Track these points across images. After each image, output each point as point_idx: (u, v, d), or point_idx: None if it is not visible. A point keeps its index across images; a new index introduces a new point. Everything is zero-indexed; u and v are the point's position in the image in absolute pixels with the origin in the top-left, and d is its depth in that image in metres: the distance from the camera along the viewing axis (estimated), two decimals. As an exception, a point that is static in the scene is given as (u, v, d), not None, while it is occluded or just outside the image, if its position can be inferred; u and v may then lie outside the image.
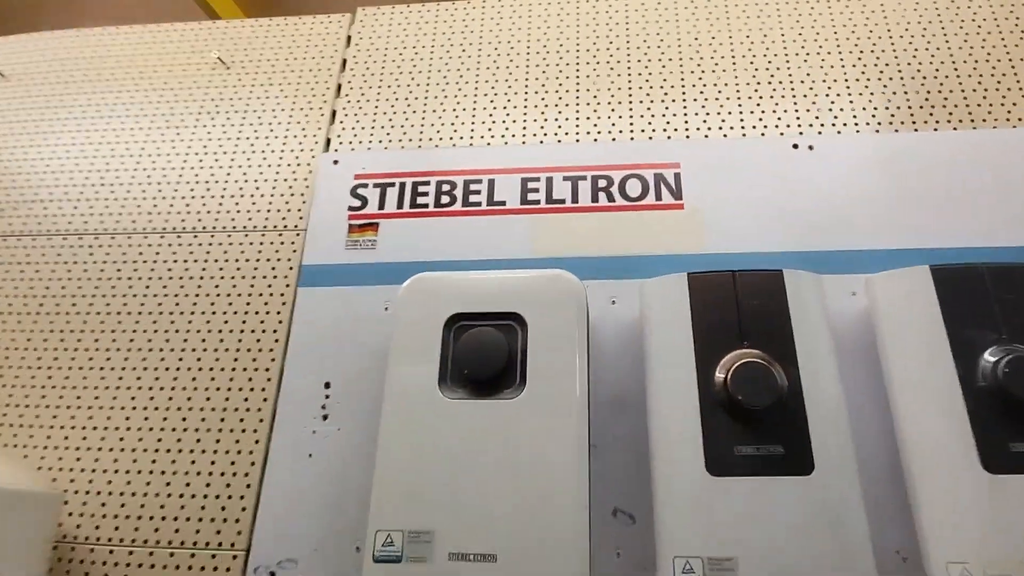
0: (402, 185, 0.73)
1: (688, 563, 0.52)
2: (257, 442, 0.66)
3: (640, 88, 0.77)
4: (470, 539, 0.52)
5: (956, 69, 0.77)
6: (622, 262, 0.68)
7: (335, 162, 0.77)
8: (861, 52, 0.78)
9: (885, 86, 0.76)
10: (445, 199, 0.73)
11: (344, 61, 0.85)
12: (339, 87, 0.83)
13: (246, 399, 0.68)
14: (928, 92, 0.75)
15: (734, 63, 0.78)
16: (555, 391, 0.56)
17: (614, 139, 0.75)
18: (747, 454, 0.54)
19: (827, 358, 0.58)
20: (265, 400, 0.67)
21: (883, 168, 0.71)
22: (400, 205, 0.73)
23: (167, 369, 0.70)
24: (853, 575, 0.51)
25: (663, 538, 0.54)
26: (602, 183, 0.72)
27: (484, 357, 0.58)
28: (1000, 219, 0.68)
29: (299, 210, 0.75)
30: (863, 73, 0.77)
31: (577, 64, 0.80)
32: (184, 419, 0.67)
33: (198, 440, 0.66)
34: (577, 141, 0.75)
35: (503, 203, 0.72)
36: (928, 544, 0.53)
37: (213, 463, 0.65)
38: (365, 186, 0.74)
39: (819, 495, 0.52)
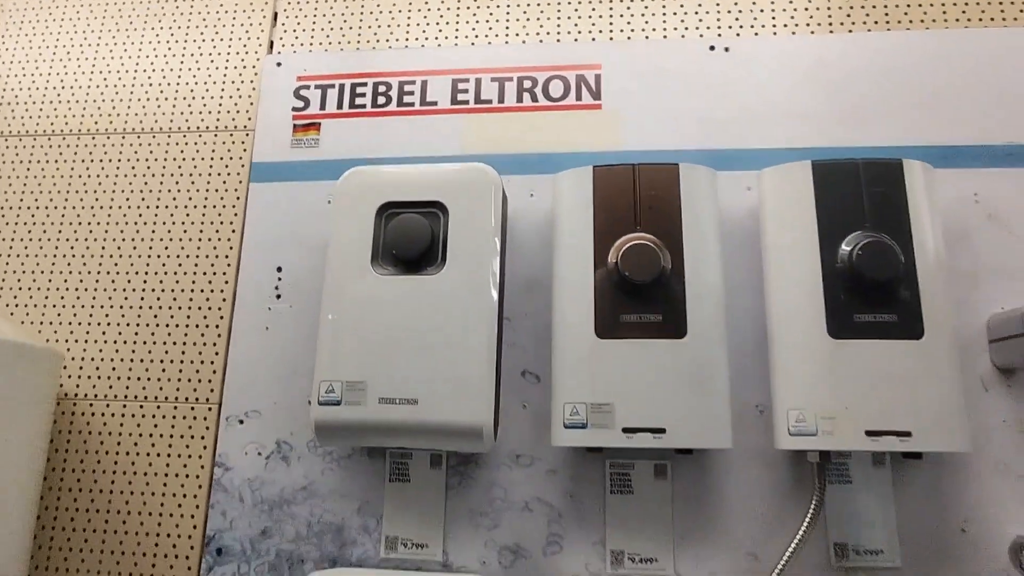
0: (341, 87, 0.78)
1: (575, 407, 0.63)
2: (222, 318, 0.76)
3: (575, -11, 0.80)
4: (396, 387, 0.63)
5: (881, -30, 0.79)
6: (542, 159, 0.74)
7: (278, 64, 0.81)
8: (792, -49, 0.80)
9: (809, -13, 0.78)
10: (381, 100, 0.78)
11: (289, -40, 0.86)
12: (283, -13, 0.85)
13: (210, 282, 0.77)
14: (849, -7, 0.78)
15: (668, -37, 0.80)
16: (471, 268, 0.65)
17: (541, 41, 0.79)
18: (630, 321, 0.63)
19: (711, 242, 0.66)
20: (227, 283, 0.76)
21: (796, 70, 0.76)
22: (340, 106, 0.78)
23: (140, 257, 0.78)
24: (711, 420, 0.62)
25: (557, 390, 0.64)
26: (527, 84, 0.77)
27: (410, 239, 0.66)
28: (905, 121, 0.74)
29: (247, 111, 0.81)
30: (791, -26, 0.79)
31: (517, -37, 0.82)
32: (158, 299, 0.77)
33: (172, 316, 0.76)
34: (506, 43, 0.79)
35: (435, 103, 0.77)
36: (776, 396, 0.64)
37: (186, 335, 0.76)
38: (307, 87, 0.79)
39: (689, 356, 0.62)
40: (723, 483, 0.66)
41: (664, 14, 0.78)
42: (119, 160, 0.82)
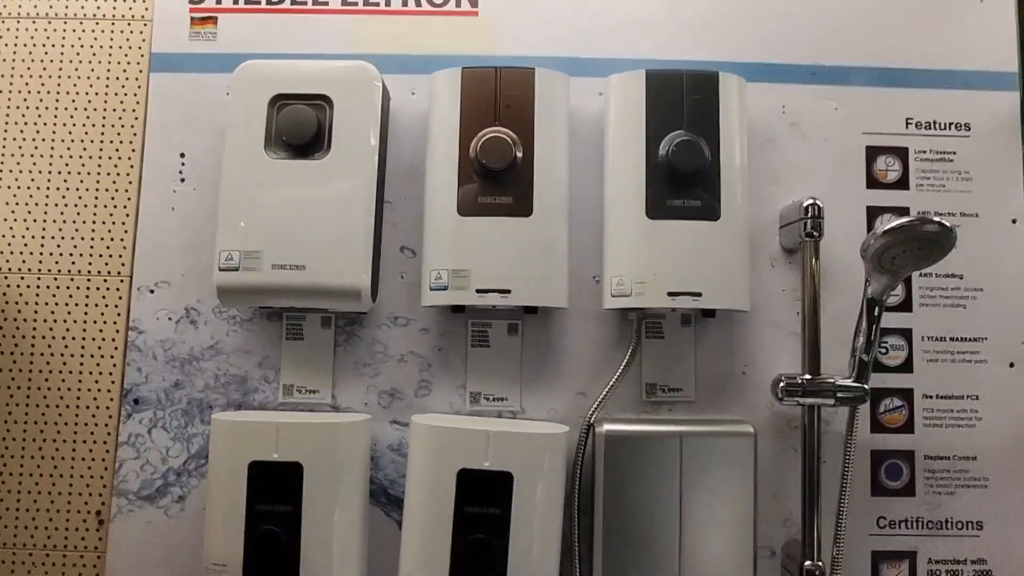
0: (236, -19, 0.83)
1: (439, 273, 0.75)
2: (130, 199, 0.83)
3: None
4: (287, 255, 0.73)
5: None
6: (423, 60, 0.83)
7: (173, -45, 0.85)
8: None
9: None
10: (275, -3, 0.83)
11: None
12: None
13: (116, 166, 0.83)
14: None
15: None
16: (352, 154, 0.75)
17: (425, -52, 0.86)
18: (486, 202, 0.75)
19: (559, 137, 0.78)
20: (132, 166, 0.83)
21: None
22: (236, 1, 0.83)
23: (46, 141, 0.83)
24: (550, 283, 0.76)
25: (426, 260, 0.77)
26: (411, -11, 0.84)
27: (298, 128, 0.75)
28: (729, 39, 0.85)
29: (144, 1, 0.84)
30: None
31: None
32: (65, 181, 0.83)
33: (81, 198, 0.83)
34: (393, -52, 0.85)
35: (326, 3, 0.84)
36: (605, 266, 0.78)
37: (95, 213, 0.83)
38: (202, -20, 0.83)
39: (533, 231, 0.75)
40: (563, 338, 0.81)
41: (537, -70, 0.86)
42: (17, 44, 0.84)
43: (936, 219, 0.66)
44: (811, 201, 0.78)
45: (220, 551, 0.71)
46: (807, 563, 0.76)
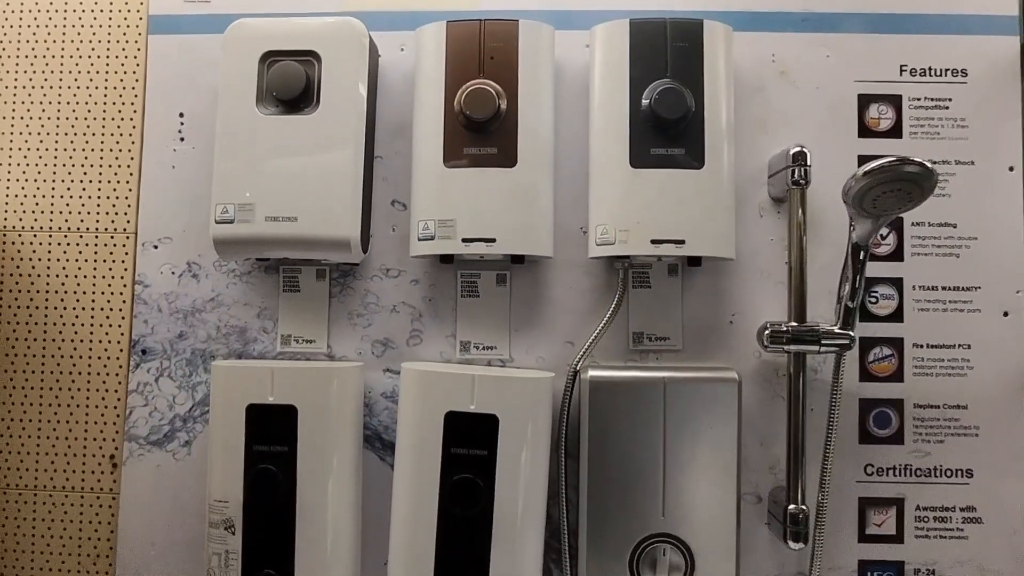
0: (226, -57, 0.84)
1: (426, 223, 0.77)
2: (132, 158, 0.86)
3: None
4: (279, 207, 0.76)
5: None
6: (412, 16, 0.84)
7: (167, -82, 0.87)
8: None
9: None
10: (265, -44, 0.85)
11: None
12: None
13: (119, 126, 0.86)
14: None
15: None
16: (341, 109, 0.77)
17: (411, -96, 0.86)
18: (472, 152, 0.76)
19: (543, 88, 0.79)
20: (134, 127, 0.86)
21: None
22: (228, -39, 0.85)
23: (51, 103, 0.86)
24: (535, 232, 0.77)
25: (414, 210, 0.79)
26: (397, -55, 0.85)
27: (288, 83, 0.77)
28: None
29: (141, -35, 0.87)
30: None
31: None
32: (72, 142, 0.86)
33: (86, 157, 0.86)
34: (380, -95, 0.86)
35: (316, -38, 0.85)
36: (590, 216, 0.79)
37: (100, 173, 0.86)
38: (194, -58, 0.85)
39: (518, 182, 0.77)
40: (551, 288, 0.83)
41: None
42: (20, 8, 0.87)
43: (917, 159, 0.66)
44: (798, 148, 0.77)
45: (222, 488, 0.75)
46: (791, 507, 0.77)
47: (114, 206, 0.87)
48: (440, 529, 0.72)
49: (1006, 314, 0.83)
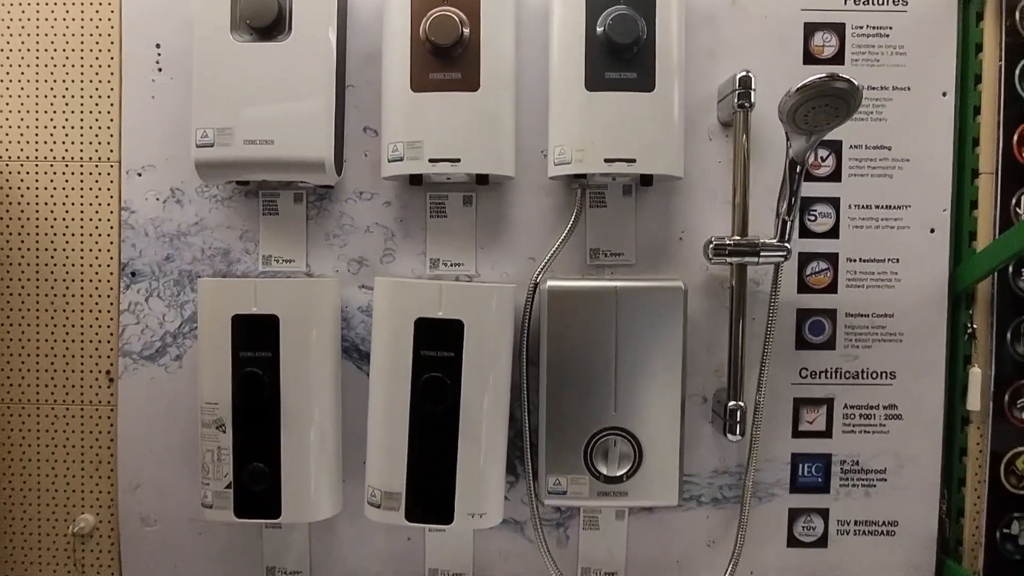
0: None
1: (395, 145, 0.82)
2: (112, 89, 0.90)
3: None
4: (256, 131, 0.80)
5: None
6: (378, -54, 0.87)
7: None
8: None
9: None
10: None
11: None
12: None
13: (97, 58, 0.90)
14: None
15: None
16: (312, 36, 0.81)
17: None
18: (437, 78, 0.81)
19: (505, 16, 0.83)
20: (112, 58, 0.89)
21: None
22: None
23: (29, 36, 0.89)
24: (497, 152, 0.83)
25: (384, 134, 0.83)
26: None
27: (260, 11, 0.80)
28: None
29: None
30: None
31: None
32: (52, 74, 0.89)
33: (67, 89, 0.89)
34: None
35: None
36: (549, 138, 0.84)
37: (82, 104, 0.90)
38: None
39: (480, 105, 0.81)
40: (513, 208, 0.89)
41: None
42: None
43: (845, 76, 0.71)
44: (744, 73, 0.83)
45: (212, 392, 0.81)
46: (731, 403, 0.86)
47: (97, 136, 0.90)
48: (412, 425, 0.80)
49: (932, 231, 0.90)
